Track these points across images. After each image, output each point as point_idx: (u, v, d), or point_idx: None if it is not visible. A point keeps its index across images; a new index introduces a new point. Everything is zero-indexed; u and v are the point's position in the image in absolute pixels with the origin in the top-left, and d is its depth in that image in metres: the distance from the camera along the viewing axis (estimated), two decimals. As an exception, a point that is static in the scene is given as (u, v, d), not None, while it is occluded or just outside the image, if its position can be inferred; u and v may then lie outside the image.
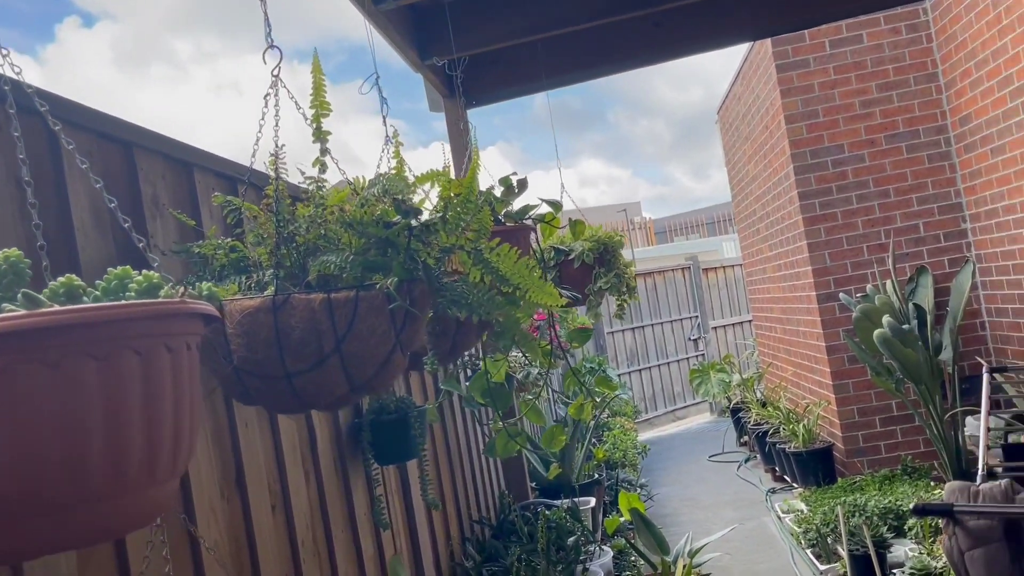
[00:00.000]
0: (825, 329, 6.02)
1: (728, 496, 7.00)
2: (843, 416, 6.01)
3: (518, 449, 2.79)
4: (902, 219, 5.90)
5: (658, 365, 11.09)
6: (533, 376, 3.24)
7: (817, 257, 6.02)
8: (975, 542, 1.55)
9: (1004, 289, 5.47)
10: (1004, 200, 5.26)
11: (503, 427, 2.69)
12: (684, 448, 9.42)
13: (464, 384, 3.39)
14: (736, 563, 5.32)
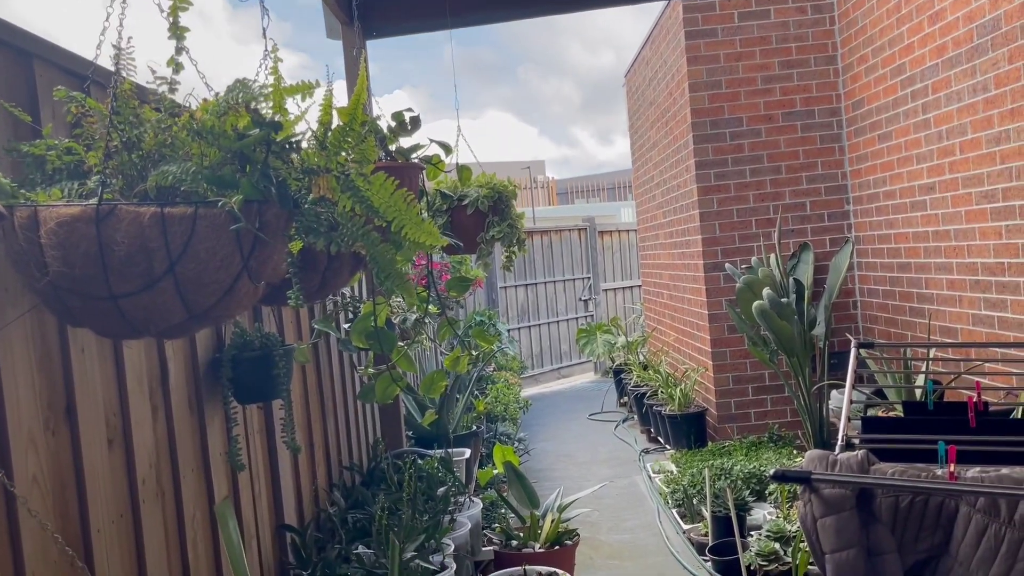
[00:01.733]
0: (709, 298, 6.16)
1: (603, 454, 7.14)
2: (718, 383, 6.19)
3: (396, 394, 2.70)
4: (791, 196, 6.06)
5: (548, 323, 11.17)
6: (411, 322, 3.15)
7: (708, 227, 6.12)
8: (828, 509, 1.56)
9: (877, 271, 5.72)
10: (885, 186, 5.46)
11: (386, 370, 2.59)
12: (566, 406, 9.56)
13: (344, 327, 3.26)
14: (604, 519, 5.43)
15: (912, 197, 5.13)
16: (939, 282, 4.91)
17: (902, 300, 5.40)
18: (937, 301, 4.97)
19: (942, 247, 4.84)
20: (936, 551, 1.63)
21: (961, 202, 4.59)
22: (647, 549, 4.82)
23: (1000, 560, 1.53)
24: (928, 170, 4.91)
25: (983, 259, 4.43)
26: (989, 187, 4.31)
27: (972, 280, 4.56)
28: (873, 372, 4.22)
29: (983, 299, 4.47)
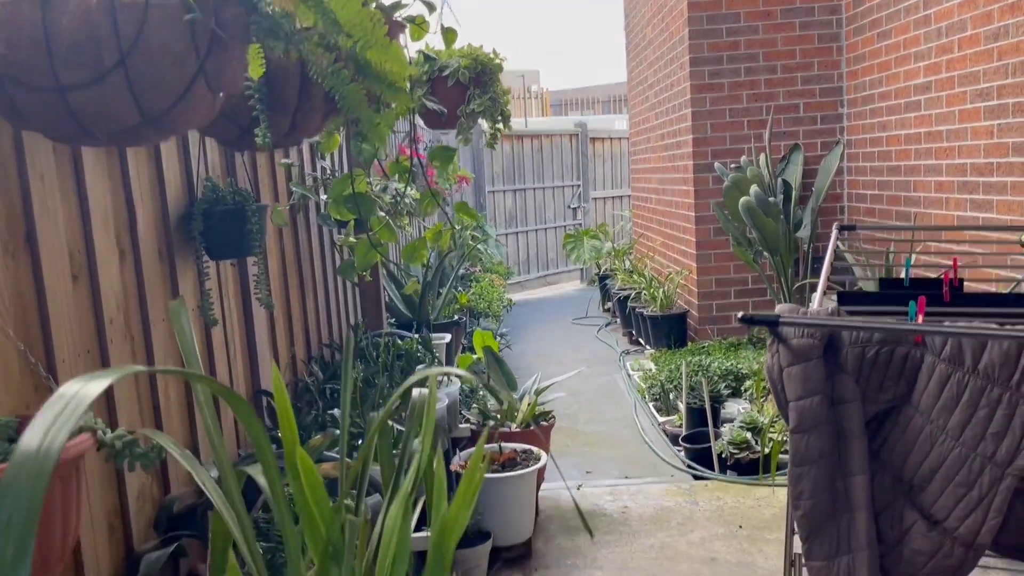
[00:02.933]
0: (697, 199, 6.11)
1: (584, 355, 7.22)
2: (701, 285, 6.21)
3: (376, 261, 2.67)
4: (785, 97, 5.95)
5: (536, 230, 11.13)
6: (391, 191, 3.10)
7: (699, 127, 6.03)
8: (795, 359, 1.57)
9: (866, 175, 5.67)
10: (881, 86, 5.36)
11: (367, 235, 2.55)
12: (551, 311, 9.62)
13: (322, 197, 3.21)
14: (582, 412, 5.53)
15: (907, 97, 5.04)
16: (927, 184, 4.88)
17: (889, 204, 5.38)
18: (924, 204, 4.94)
19: (933, 148, 4.79)
20: (899, 401, 1.64)
21: (956, 101, 4.51)
22: (622, 439, 4.92)
23: (961, 408, 1.55)
24: (925, 68, 4.81)
25: (973, 159, 4.39)
26: (985, 85, 4.23)
27: (960, 181, 4.53)
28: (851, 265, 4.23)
29: (970, 200, 4.45)
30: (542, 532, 3.58)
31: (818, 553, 1.64)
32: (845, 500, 1.63)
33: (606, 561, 3.29)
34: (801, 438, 1.62)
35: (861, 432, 1.63)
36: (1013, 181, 4.06)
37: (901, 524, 1.62)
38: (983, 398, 1.52)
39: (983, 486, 1.53)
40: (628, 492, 4.00)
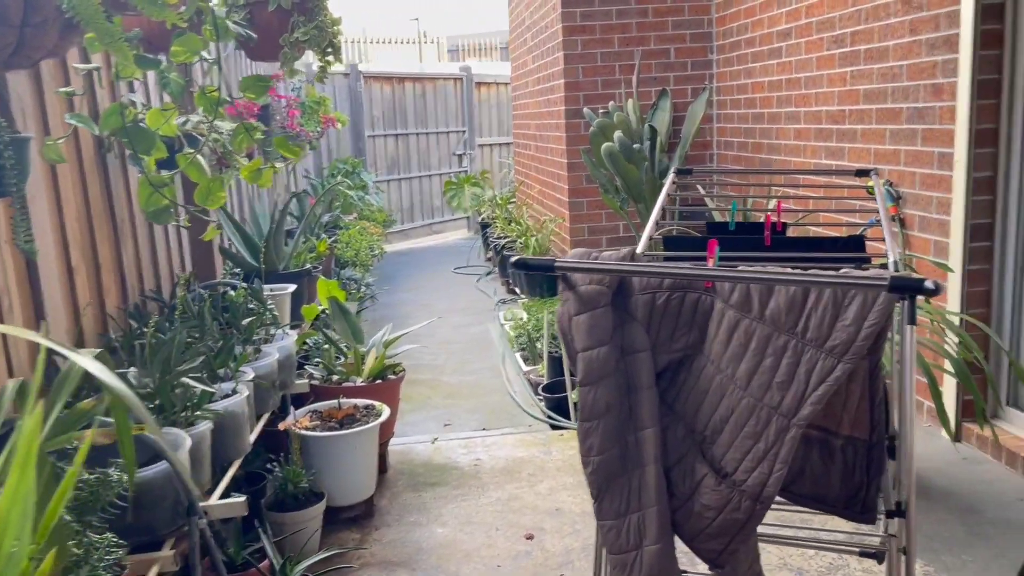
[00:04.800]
0: (569, 146, 6.00)
1: (462, 304, 7.10)
2: (574, 233, 6.14)
3: (165, 206, 2.42)
4: (656, 42, 5.87)
5: (419, 176, 10.85)
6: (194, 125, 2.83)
7: (571, 71, 5.89)
8: (583, 307, 1.45)
9: (734, 123, 5.68)
10: (747, 32, 5.34)
11: (146, 175, 2.30)
12: (433, 259, 9.43)
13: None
14: (451, 363, 5.41)
15: (770, 44, 5.03)
16: (788, 132, 4.91)
17: (754, 151, 5.40)
18: (784, 151, 4.98)
19: (792, 96, 4.80)
20: (691, 350, 1.56)
21: (813, 48, 4.52)
22: (487, 389, 4.84)
23: (750, 355, 1.47)
24: (787, 15, 4.79)
25: (828, 107, 4.42)
26: (840, 31, 4.23)
27: (816, 129, 4.56)
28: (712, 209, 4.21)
29: (824, 148, 4.49)
30: (388, 489, 3.46)
31: (608, 511, 1.56)
32: (636, 455, 1.55)
33: (450, 516, 3.20)
34: (589, 390, 1.51)
35: (651, 383, 1.53)
36: (863, 128, 4.10)
37: (692, 477, 1.55)
38: (769, 346, 1.45)
39: (769, 437, 1.46)
40: (483, 444, 3.92)
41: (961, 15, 3.30)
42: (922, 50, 3.57)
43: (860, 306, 1.37)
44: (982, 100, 3.30)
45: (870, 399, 1.60)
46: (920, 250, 3.71)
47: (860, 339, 1.37)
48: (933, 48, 3.50)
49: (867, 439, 1.64)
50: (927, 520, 2.92)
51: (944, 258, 3.54)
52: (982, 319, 3.45)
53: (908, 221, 3.79)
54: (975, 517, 2.92)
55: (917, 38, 3.60)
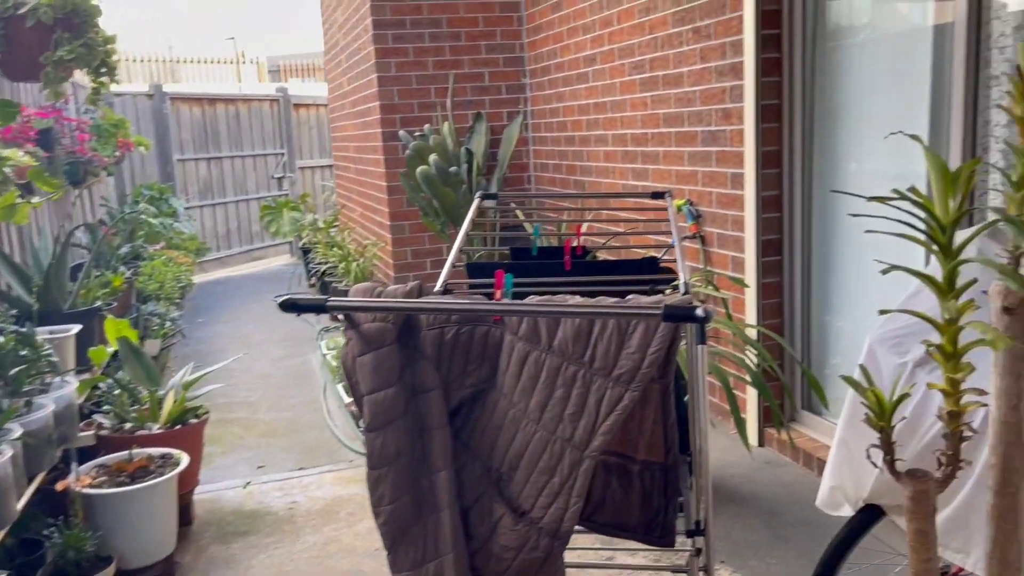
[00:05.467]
0: (387, 168, 5.90)
1: (281, 334, 6.78)
2: (397, 257, 6.03)
3: None
4: (470, 65, 5.89)
5: (236, 201, 10.35)
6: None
7: (386, 93, 5.80)
8: (367, 346, 1.35)
9: (548, 145, 5.79)
10: (557, 57, 5.46)
11: None
12: (253, 288, 9.00)
13: None
14: (266, 398, 5.13)
15: (578, 69, 5.17)
16: (598, 154, 5.05)
17: (568, 173, 5.53)
18: (595, 173, 5.12)
19: (600, 119, 4.95)
20: (484, 385, 1.50)
21: (617, 73, 4.68)
22: (306, 424, 4.61)
23: (540, 387, 1.43)
24: (591, 41, 4.94)
25: (632, 130, 4.58)
26: (639, 57, 4.41)
27: (623, 151, 4.72)
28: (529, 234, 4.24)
29: (631, 169, 4.65)
30: (192, 543, 3.18)
31: (403, 562, 1.47)
32: (431, 500, 1.46)
33: (261, 568, 2.98)
34: (377, 436, 1.42)
35: (443, 423, 1.46)
36: (665, 151, 4.27)
37: (490, 518, 1.49)
38: (559, 377, 1.41)
39: (564, 471, 1.42)
40: (300, 485, 3.72)
41: (744, 44, 3.50)
42: (712, 77, 3.77)
43: (643, 334, 1.36)
44: (766, 124, 3.51)
45: (663, 422, 1.61)
46: (720, 266, 3.89)
47: (645, 366, 1.36)
48: (721, 75, 3.70)
49: (663, 462, 1.65)
50: (736, 526, 3.03)
51: (741, 273, 3.73)
52: (776, 329, 3.66)
53: (708, 238, 3.97)
54: (778, 520, 3.06)
55: (707, 65, 3.79)
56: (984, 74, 2.66)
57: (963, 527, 1.66)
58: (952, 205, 1.28)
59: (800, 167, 3.51)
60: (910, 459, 1.72)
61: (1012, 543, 1.41)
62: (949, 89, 2.77)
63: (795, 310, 3.65)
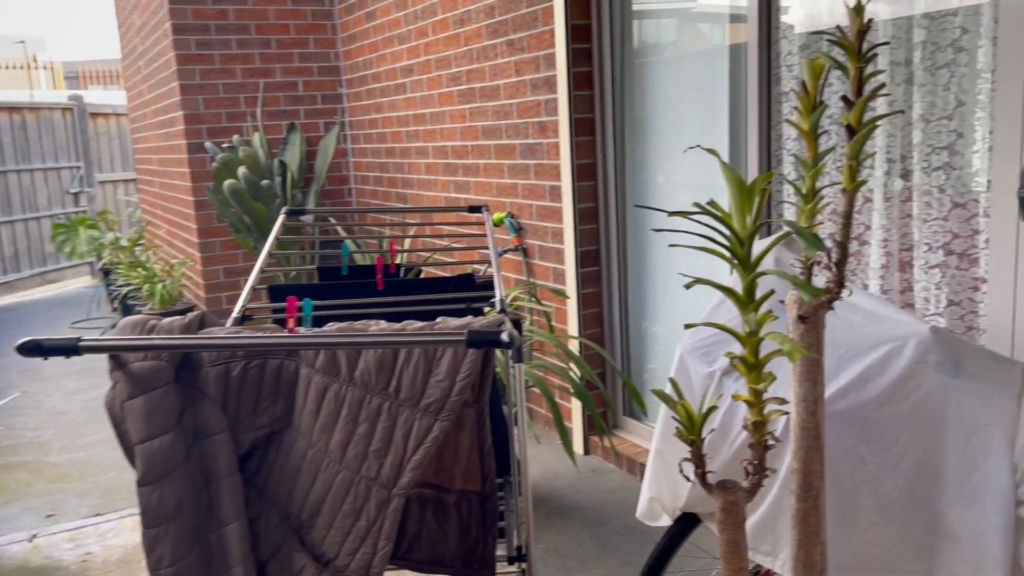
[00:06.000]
0: (194, 182, 5.52)
1: (79, 364, 6.18)
2: (207, 276, 5.66)
3: None
4: (283, 74, 5.64)
5: (25, 219, 9.39)
6: None
7: (190, 102, 5.43)
8: (137, 388, 1.17)
9: (368, 157, 5.64)
10: (373, 67, 5.33)
11: None
12: (45, 314, 8.17)
13: None
14: (58, 438, 4.63)
15: (395, 80, 5.07)
16: (419, 166, 4.96)
17: (389, 186, 5.40)
18: (417, 186, 5.03)
19: (420, 131, 4.87)
20: (279, 424, 1.36)
21: (435, 85, 4.61)
22: (104, 464, 4.19)
23: (342, 423, 1.31)
24: (408, 52, 4.85)
25: (452, 142, 4.53)
26: (456, 69, 4.37)
27: (444, 163, 4.66)
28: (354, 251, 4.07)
29: (453, 182, 4.60)
30: (-39, 613, 2.78)
31: (191, 629, 1.29)
32: (221, 557, 1.30)
33: (46, 634, 2.64)
34: (153, 490, 1.24)
35: (232, 469, 1.31)
36: (485, 163, 4.25)
37: (291, 569, 1.35)
38: (362, 411, 1.30)
39: (371, 512, 1.31)
40: (96, 533, 3.35)
41: (557, 58, 3.54)
42: (527, 90, 3.78)
43: (452, 359, 1.28)
44: (580, 137, 3.56)
45: (479, 449, 1.53)
46: (542, 277, 3.91)
47: (455, 393, 1.28)
48: (536, 88, 3.72)
49: (480, 490, 1.57)
50: (563, 539, 3.02)
51: (562, 284, 3.76)
52: (597, 338, 3.72)
53: (530, 250, 3.98)
54: (603, 528, 3.09)
55: (522, 78, 3.80)
56: (776, 91, 2.81)
57: (770, 531, 1.69)
58: (748, 218, 1.29)
59: (614, 179, 3.59)
60: (721, 467, 1.74)
61: (815, 545, 1.45)
62: (745, 105, 2.91)
63: (614, 319, 3.72)
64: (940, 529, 1.52)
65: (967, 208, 2.25)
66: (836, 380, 1.59)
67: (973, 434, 1.50)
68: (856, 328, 1.68)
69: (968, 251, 2.26)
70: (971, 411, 1.50)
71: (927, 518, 1.53)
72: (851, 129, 1.32)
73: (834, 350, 1.63)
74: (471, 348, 1.20)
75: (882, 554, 1.55)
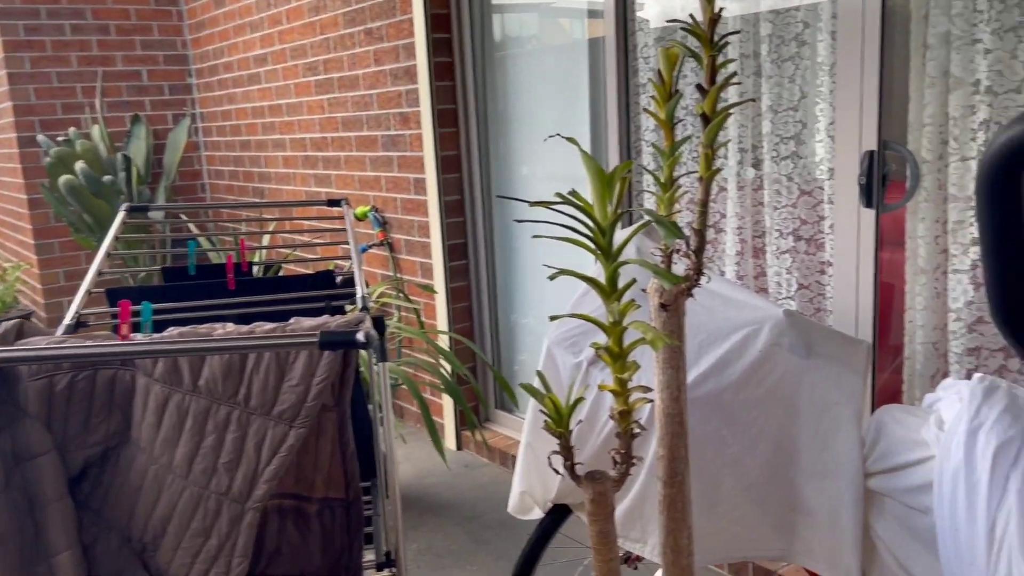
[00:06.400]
0: (27, 179, 5.09)
1: None
2: (45, 280, 5.23)
3: None
4: (124, 62, 5.28)
5: None
6: None
7: (20, 92, 4.99)
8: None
9: (221, 151, 5.37)
10: (225, 56, 5.08)
11: None
12: None
13: None
14: None
15: (248, 69, 4.84)
16: (276, 159, 4.77)
17: (245, 180, 5.16)
18: (275, 180, 4.83)
19: (277, 123, 4.68)
20: (115, 440, 1.24)
21: (290, 74, 4.44)
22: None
23: (187, 436, 1.20)
24: (261, 40, 4.65)
25: (311, 134, 4.38)
26: (312, 58, 4.21)
27: (303, 156, 4.49)
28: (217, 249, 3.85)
29: (313, 175, 4.44)
30: None
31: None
32: (50, 590, 1.17)
33: None
34: (-35, 523, 1.10)
35: (61, 493, 1.18)
36: (346, 156, 4.12)
37: (135, 599, 1.23)
38: (209, 421, 1.20)
39: (222, 530, 1.22)
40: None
41: (417, 47, 3.47)
42: (388, 80, 3.69)
43: (306, 363, 1.20)
44: (443, 128, 3.51)
45: (342, 454, 1.46)
46: (410, 272, 3.84)
47: (311, 398, 1.20)
48: (397, 78, 3.63)
49: (344, 497, 1.50)
50: (436, 537, 2.98)
51: (430, 278, 3.71)
52: (467, 332, 3.68)
53: (396, 245, 3.90)
54: (477, 523, 3.06)
55: (382, 68, 3.71)
56: (633, 82, 2.86)
57: (639, 517, 1.71)
58: (609, 208, 1.28)
59: (479, 171, 3.56)
60: (590, 456, 1.74)
61: (683, 529, 1.47)
62: (605, 97, 2.94)
63: (483, 312, 3.70)
64: (798, 506, 1.58)
65: (813, 195, 2.36)
66: (698, 366, 1.62)
67: (824, 412, 1.56)
68: (715, 314, 1.72)
69: (815, 236, 2.37)
70: (822, 391, 1.56)
71: (786, 496, 1.58)
72: (706, 118, 1.34)
73: (695, 336, 1.66)
74: (324, 350, 1.13)
75: (746, 534, 1.59)
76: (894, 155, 2.12)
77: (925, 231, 2.09)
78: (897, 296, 2.33)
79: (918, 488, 1.43)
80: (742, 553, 1.60)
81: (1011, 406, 1.33)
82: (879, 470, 1.50)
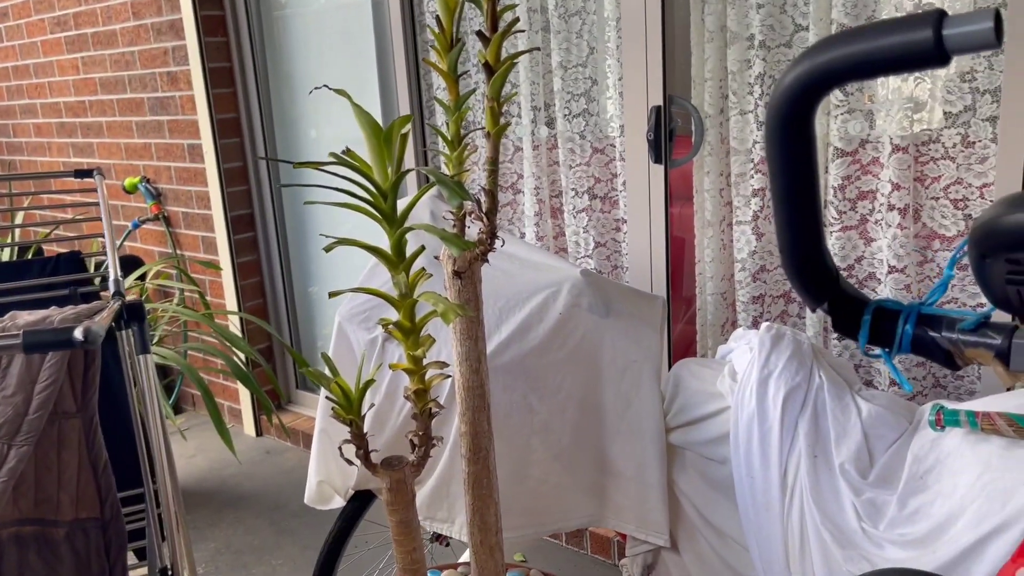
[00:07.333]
0: None
1: None
2: None
3: None
4: None
5: None
6: None
7: None
8: None
9: (-42, 119, 4.66)
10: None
11: None
12: None
13: None
14: None
15: (-17, 23, 4.20)
16: (27, 128, 4.19)
17: (-10, 153, 4.51)
18: (28, 150, 4.26)
19: (24, 86, 4.10)
20: None
21: (36, 31, 3.89)
22: None
23: None
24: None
25: (65, 98, 3.87)
26: (61, 12, 3.71)
27: (58, 124, 3.98)
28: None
29: (72, 145, 3.94)
30: None
31: None
32: None
33: None
34: None
35: None
36: (108, 121, 3.69)
37: None
38: None
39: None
40: None
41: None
42: (151, 36, 3.31)
43: (24, 368, 0.99)
44: (218, 89, 3.20)
45: (92, 467, 1.25)
46: (191, 248, 3.51)
47: (34, 410, 0.99)
48: (160, 34, 3.27)
49: (99, 516, 1.29)
50: (236, 532, 2.76)
51: (214, 254, 3.41)
52: (260, 310, 3.43)
53: (173, 219, 3.55)
54: (281, 513, 2.87)
55: (143, 22, 3.32)
56: (422, 38, 2.72)
57: (444, 497, 1.62)
58: (390, 168, 1.15)
59: (261, 135, 3.29)
60: (393, 438, 1.63)
61: (489, 506, 1.39)
62: (392, 54, 2.79)
63: (276, 287, 3.46)
64: (606, 467, 1.55)
65: (605, 153, 2.35)
66: (499, 333, 1.54)
67: (626, 371, 1.54)
68: (515, 278, 1.65)
69: (609, 194, 2.37)
70: (622, 349, 1.54)
71: (594, 459, 1.55)
72: (489, 68, 1.24)
73: (494, 302, 1.58)
74: (28, 354, 0.92)
75: (558, 504, 1.55)
76: (680, 111, 2.14)
77: (710, 184, 2.13)
78: (688, 249, 2.38)
79: (716, 439, 1.44)
80: (555, 524, 1.56)
81: (796, 352, 1.36)
82: (678, 424, 1.50)
